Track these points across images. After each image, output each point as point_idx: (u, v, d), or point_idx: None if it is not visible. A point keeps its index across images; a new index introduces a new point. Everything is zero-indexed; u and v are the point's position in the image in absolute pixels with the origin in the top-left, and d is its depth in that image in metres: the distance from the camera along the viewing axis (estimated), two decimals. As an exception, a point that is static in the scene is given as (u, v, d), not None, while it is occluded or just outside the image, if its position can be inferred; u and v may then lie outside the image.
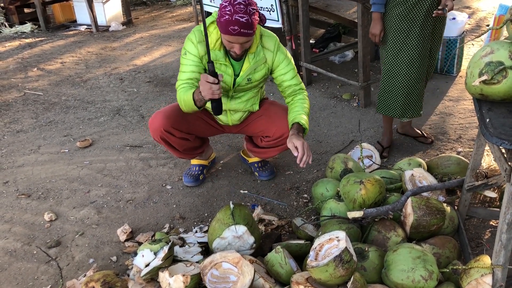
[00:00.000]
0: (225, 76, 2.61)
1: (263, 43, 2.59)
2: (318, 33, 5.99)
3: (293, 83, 2.68)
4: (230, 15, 2.30)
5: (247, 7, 2.32)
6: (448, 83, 4.39)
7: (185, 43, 2.60)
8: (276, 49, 2.60)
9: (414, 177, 2.56)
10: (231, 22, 2.30)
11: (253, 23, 2.35)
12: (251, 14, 2.33)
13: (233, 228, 2.21)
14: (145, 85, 4.85)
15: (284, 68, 2.64)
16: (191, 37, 2.57)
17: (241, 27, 2.31)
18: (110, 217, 2.83)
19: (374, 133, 3.61)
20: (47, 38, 6.72)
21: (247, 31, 2.34)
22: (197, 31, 2.57)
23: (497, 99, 1.83)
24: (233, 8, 2.30)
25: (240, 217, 2.24)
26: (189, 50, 2.57)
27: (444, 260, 2.14)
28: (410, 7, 2.82)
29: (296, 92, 2.68)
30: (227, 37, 2.37)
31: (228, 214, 2.25)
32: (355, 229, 2.30)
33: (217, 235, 2.21)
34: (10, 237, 2.68)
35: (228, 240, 2.21)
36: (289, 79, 2.67)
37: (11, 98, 4.65)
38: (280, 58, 2.62)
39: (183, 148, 2.86)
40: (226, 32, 2.35)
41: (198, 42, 2.54)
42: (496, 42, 1.83)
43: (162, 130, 2.69)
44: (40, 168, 3.37)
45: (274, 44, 2.60)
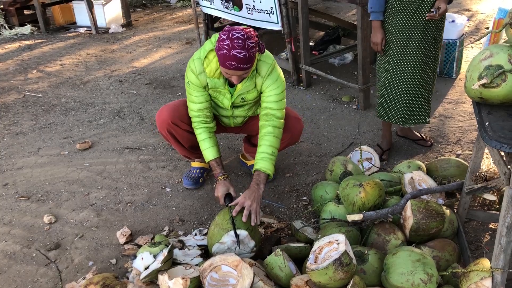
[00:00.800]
0: (223, 100, 2.67)
1: (258, 68, 2.54)
2: (317, 35, 6.00)
3: (270, 106, 2.58)
4: (228, 50, 2.25)
5: (245, 42, 2.26)
6: (447, 86, 4.39)
7: (187, 71, 2.60)
8: (267, 75, 2.54)
9: (414, 180, 2.57)
10: (229, 57, 2.26)
11: (251, 58, 2.30)
12: (249, 49, 2.28)
13: (231, 233, 2.21)
14: (145, 87, 4.86)
15: (269, 92, 2.58)
16: (192, 67, 2.55)
17: (239, 62, 2.27)
18: (110, 219, 2.83)
19: (374, 135, 3.62)
20: (46, 40, 6.72)
21: (244, 66, 2.31)
22: (197, 60, 2.53)
23: (496, 102, 1.83)
24: (231, 43, 2.25)
25: (241, 221, 2.24)
26: (191, 80, 2.58)
27: (443, 263, 2.14)
28: (410, 14, 2.81)
29: (269, 117, 2.57)
30: (225, 70, 2.36)
31: (227, 218, 2.25)
32: (354, 232, 2.30)
33: (216, 240, 2.22)
34: (10, 239, 2.68)
35: (227, 244, 2.21)
36: (269, 102, 2.59)
37: (10, 100, 4.65)
38: (268, 83, 2.56)
39: (188, 144, 2.86)
40: (223, 65, 2.32)
41: (199, 74, 2.53)
42: (495, 46, 1.84)
43: (169, 122, 2.72)
44: (39, 170, 3.37)
45: (267, 70, 2.54)
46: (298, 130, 2.88)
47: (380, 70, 3.10)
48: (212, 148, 2.65)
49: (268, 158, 2.51)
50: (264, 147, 2.54)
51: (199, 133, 2.68)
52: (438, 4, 2.76)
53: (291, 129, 2.81)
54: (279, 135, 2.58)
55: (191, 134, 2.82)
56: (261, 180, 2.46)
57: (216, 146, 2.68)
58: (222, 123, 2.92)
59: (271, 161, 2.52)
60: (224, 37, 2.28)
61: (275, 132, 2.56)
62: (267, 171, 2.49)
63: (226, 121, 2.89)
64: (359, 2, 3.62)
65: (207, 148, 2.65)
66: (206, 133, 2.67)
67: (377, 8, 2.88)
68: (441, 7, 2.75)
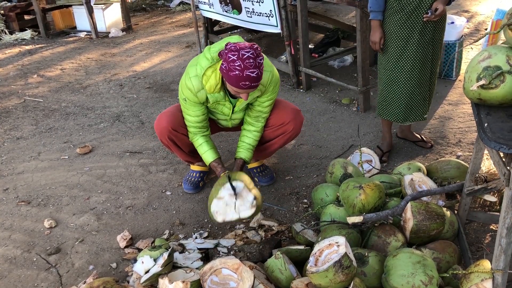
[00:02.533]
0: (223, 109, 2.72)
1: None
2: (317, 38, 6.00)
3: (263, 110, 2.73)
4: (241, 70, 2.25)
5: (255, 60, 2.27)
6: (447, 87, 4.39)
7: (182, 89, 2.60)
8: (268, 83, 2.60)
9: (414, 181, 2.56)
10: (242, 78, 2.27)
11: (261, 74, 2.34)
12: (260, 66, 2.30)
13: (228, 186, 2.21)
14: (145, 91, 4.86)
15: (267, 97, 2.67)
16: (189, 85, 2.54)
17: (252, 81, 2.30)
18: (110, 223, 2.83)
19: (374, 137, 3.61)
20: (47, 45, 6.74)
21: (256, 84, 2.34)
22: (194, 78, 2.51)
23: (495, 103, 1.83)
24: (243, 63, 2.24)
25: (238, 177, 2.28)
26: (188, 98, 2.59)
27: (444, 265, 2.13)
28: (408, 14, 2.83)
29: (259, 118, 2.76)
30: (237, 90, 2.36)
31: (224, 177, 2.30)
32: (355, 234, 2.30)
33: (214, 196, 2.22)
34: (10, 244, 2.68)
35: (225, 199, 2.20)
36: (262, 106, 2.71)
37: (11, 105, 4.66)
38: (268, 90, 2.64)
39: (189, 149, 2.88)
40: (236, 86, 2.32)
41: (197, 92, 2.55)
42: (493, 47, 1.84)
43: (169, 129, 2.73)
44: (40, 175, 3.37)
45: (268, 78, 2.58)
46: (299, 121, 2.89)
47: (380, 69, 3.12)
48: (211, 151, 2.73)
49: (251, 149, 2.79)
50: (250, 140, 2.78)
51: (196, 139, 2.76)
52: (435, 5, 2.77)
53: (293, 121, 2.83)
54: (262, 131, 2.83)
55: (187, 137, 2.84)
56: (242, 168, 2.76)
57: (214, 148, 2.75)
58: (219, 124, 2.94)
59: (252, 152, 2.81)
60: (235, 58, 2.25)
61: (261, 131, 2.81)
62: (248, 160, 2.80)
63: (224, 123, 2.93)
64: (358, 4, 3.62)
65: (206, 151, 2.72)
66: (202, 138, 2.75)
67: (376, 7, 2.90)
68: (439, 8, 2.76)
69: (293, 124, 2.83)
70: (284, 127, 2.83)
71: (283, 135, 2.87)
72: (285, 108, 2.82)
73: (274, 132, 2.87)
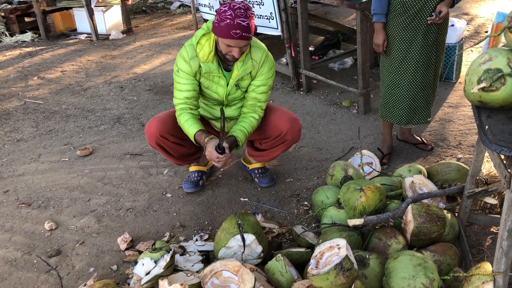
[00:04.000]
0: (218, 87, 2.68)
1: (252, 54, 2.61)
2: (317, 40, 6.01)
3: (259, 98, 2.70)
4: (232, 19, 2.32)
5: (246, 11, 2.37)
6: (447, 90, 4.40)
7: (177, 59, 2.61)
8: (262, 61, 2.63)
9: (414, 184, 2.56)
10: (233, 26, 2.33)
11: (252, 27, 2.40)
12: (251, 18, 2.39)
13: (238, 237, 2.20)
14: (145, 93, 4.87)
15: (261, 81, 2.66)
16: (183, 53, 2.57)
17: (243, 30, 2.35)
18: (111, 225, 2.83)
19: (374, 140, 3.62)
20: (47, 47, 6.74)
21: (248, 35, 2.39)
22: (188, 46, 2.56)
23: (496, 106, 1.84)
24: (234, 12, 2.33)
25: (249, 226, 2.23)
26: (181, 67, 2.59)
27: (445, 268, 2.13)
28: (412, 17, 2.83)
29: (255, 108, 2.72)
30: (228, 41, 2.39)
31: (234, 223, 2.25)
32: (355, 237, 2.29)
33: (223, 245, 2.21)
34: (10, 246, 2.68)
35: (233, 249, 2.20)
36: (257, 92, 2.69)
37: (11, 107, 4.66)
38: (262, 71, 2.64)
39: (178, 154, 2.88)
40: (227, 36, 2.36)
41: (191, 59, 2.55)
42: (494, 49, 1.84)
43: (158, 136, 2.73)
44: (40, 177, 3.37)
45: (261, 56, 2.62)
46: (297, 130, 2.88)
47: (383, 71, 3.12)
48: (195, 125, 2.62)
49: (247, 133, 2.70)
50: (247, 124, 2.70)
51: (184, 117, 2.64)
52: (439, 8, 2.78)
53: (291, 131, 2.82)
54: (259, 121, 2.77)
55: (179, 145, 2.84)
56: (232, 146, 2.62)
57: (199, 123, 2.65)
58: (215, 127, 2.93)
59: (246, 136, 2.70)
60: (226, 9, 2.35)
61: (258, 119, 2.75)
62: (240, 142, 2.66)
63: (219, 126, 2.88)
64: (358, 7, 3.63)
65: (191, 125, 2.62)
66: (189, 115, 2.64)
67: (380, 10, 2.90)
68: (442, 10, 2.77)
69: (290, 134, 2.82)
70: (283, 138, 2.82)
71: (283, 144, 2.87)
72: (281, 117, 2.80)
73: (273, 143, 2.88)
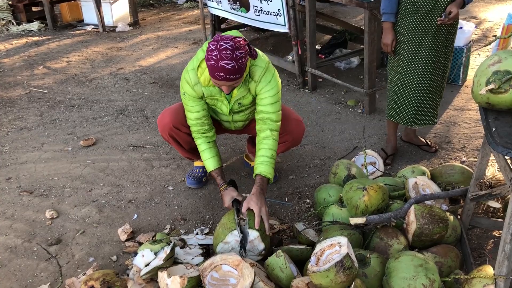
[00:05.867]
0: (222, 107, 2.65)
1: (251, 73, 2.49)
2: (324, 39, 5.99)
3: (266, 109, 2.53)
4: (216, 61, 2.20)
5: (233, 53, 2.20)
6: (453, 92, 4.38)
7: (182, 83, 2.57)
8: (260, 78, 2.49)
9: (418, 185, 2.55)
10: (217, 68, 2.21)
11: (240, 68, 2.24)
12: (238, 60, 2.21)
13: (235, 233, 2.20)
14: (150, 86, 4.86)
15: (263, 94, 2.53)
16: (187, 78, 2.51)
17: (227, 73, 2.22)
18: (111, 216, 2.83)
19: (378, 140, 3.60)
20: (54, 37, 6.74)
21: (233, 77, 2.25)
22: (191, 71, 2.49)
23: (503, 108, 1.82)
24: (219, 54, 2.19)
25: (254, 222, 2.23)
26: (187, 92, 2.55)
27: (446, 269, 2.12)
28: (422, 17, 2.81)
29: (265, 121, 2.54)
30: (214, 80, 2.31)
31: (232, 218, 2.25)
32: (357, 236, 2.28)
33: (221, 240, 2.21)
34: (11, 233, 2.68)
35: (231, 244, 2.20)
36: (264, 105, 2.53)
37: (16, 95, 4.66)
38: (261, 86, 2.51)
39: (189, 147, 2.86)
40: (212, 76, 2.27)
41: (194, 85, 2.51)
42: (504, 51, 1.83)
43: (171, 127, 2.72)
44: (43, 166, 3.37)
45: (260, 74, 2.48)
46: (300, 132, 2.86)
47: (391, 71, 3.10)
48: (213, 159, 2.62)
49: (268, 161, 2.49)
50: (264, 151, 2.51)
51: (199, 143, 2.67)
52: (449, 9, 2.76)
53: (293, 132, 2.80)
54: (277, 137, 2.57)
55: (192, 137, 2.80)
56: (264, 185, 2.45)
57: (217, 156, 2.65)
58: (223, 126, 2.92)
59: (271, 164, 2.50)
60: (213, 48, 2.22)
61: (273, 135, 2.54)
62: (268, 175, 2.47)
63: (227, 125, 2.87)
64: (367, 6, 3.61)
65: (208, 158, 2.63)
66: (206, 144, 2.65)
67: (389, 10, 2.88)
68: (453, 11, 2.75)
69: (292, 136, 2.79)
70: (283, 137, 2.76)
71: (282, 144, 2.81)
72: (286, 117, 2.73)
73: None
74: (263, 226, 2.28)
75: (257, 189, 2.39)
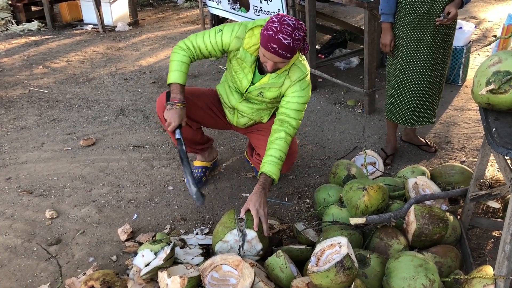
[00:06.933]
0: (243, 79, 2.57)
1: (290, 72, 2.48)
2: (324, 39, 5.99)
3: (289, 113, 2.49)
4: (275, 32, 2.21)
5: (293, 31, 2.23)
6: (453, 92, 4.38)
7: (226, 25, 2.51)
8: (297, 80, 2.47)
9: (418, 185, 2.55)
10: (272, 39, 2.21)
11: (293, 48, 2.25)
12: (295, 39, 2.24)
13: (235, 232, 2.20)
14: (150, 85, 4.86)
15: (292, 98, 2.49)
16: (235, 27, 2.48)
17: (280, 47, 2.22)
18: (111, 216, 2.83)
19: (378, 140, 3.60)
20: (53, 37, 6.74)
21: (285, 54, 2.25)
22: (242, 25, 2.47)
23: (504, 108, 1.82)
24: (280, 26, 2.22)
25: (252, 222, 2.22)
26: (224, 34, 2.49)
27: (446, 269, 2.12)
28: (420, 17, 2.82)
29: (284, 123, 2.49)
30: (264, 51, 2.29)
31: (232, 217, 2.25)
32: (357, 236, 2.29)
33: (220, 238, 2.21)
34: (11, 233, 2.68)
35: (230, 243, 2.20)
36: (289, 108, 2.50)
37: (15, 95, 4.66)
38: (294, 89, 2.48)
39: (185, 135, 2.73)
40: (264, 46, 2.26)
41: (236, 37, 2.47)
42: (504, 52, 1.83)
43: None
44: (42, 166, 3.37)
45: (299, 76, 2.47)
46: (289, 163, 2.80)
47: (390, 71, 3.11)
48: (184, 74, 2.52)
49: (276, 162, 2.42)
50: (273, 151, 2.44)
51: (182, 54, 2.53)
52: (448, 9, 2.76)
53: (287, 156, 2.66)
54: (289, 141, 2.50)
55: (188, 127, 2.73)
56: (267, 184, 2.39)
57: (185, 73, 2.54)
58: (227, 118, 2.88)
59: (277, 165, 2.43)
60: (275, 20, 2.25)
61: (286, 139, 2.47)
62: (272, 175, 2.40)
63: (230, 116, 2.82)
64: (367, 6, 3.61)
65: (179, 71, 2.51)
66: (187, 59, 2.54)
67: (388, 10, 2.88)
68: (451, 12, 2.75)
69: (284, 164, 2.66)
70: None
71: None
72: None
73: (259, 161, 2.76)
74: (261, 227, 2.25)
75: (259, 188, 2.35)
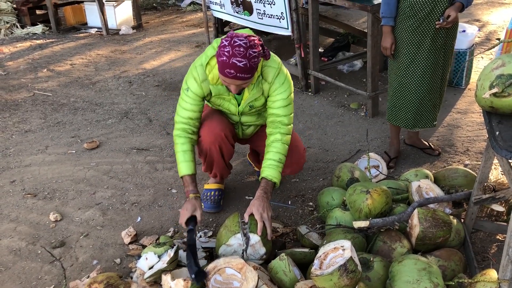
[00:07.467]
0: (230, 106, 2.55)
1: (264, 74, 2.42)
2: (327, 42, 6.00)
3: (277, 112, 2.45)
4: (228, 57, 2.13)
5: (247, 51, 2.13)
6: (456, 96, 4.37)
7: (188, 78, 2.46)
8: (273, 79, 2.42)
9: (421, 188, 2.55)
10: (228, 65, 2.14)
11: (251, 67, 2.17)
12: (251, 58, 2.15)
13: (238, 236, 2.20)
14: (154, 89, 4.88)
15: (276, 96, 2.45)
16: (194, 74, 2.42)
17: (238, 71, 2.15)
18: (115, 219, 2.83)
19: (381, 143, 3.60)
20: (57, 40, 6.77)
21: (244, 75, 2.18)
22: (199, 67, 2.40)
23: (507, 112, 1.82)
24: (232, 50, 2.12)
25: (256, 227, 2.22)
26: (191, 88, 2.44)
27: (449, 273, 2.12)
28: (420, 20, 2.83)
29: (276, 124, 2.45)
30: (223, 78, 2.23)
31: (236, 221, 2.25)
32: (360, 239, 2.28)
33: (223, 242, 2.21)
34: (15, 236, 2.69)
35: (234, 247, 2.20)
36: (276, 108, 2.45)
37: (20, 98, 4.68)
38: (274, 87, 2.43)
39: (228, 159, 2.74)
40: (222, 73, 2.20)
41: (202, 82, 2.41)
42: (507, 55, 1.83)
43: (222, 136, 2.58)
44: (47, 168, 3.38)
45: (273, 74, 2.41)
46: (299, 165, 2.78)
47: (391, 74, 3.11)
48: (191, 163, 2.47)
49: (275, 165, 2.41)
50: (272, 154, 2.43)
51: (181, 142, 2.49)
52: (448, 12, 2.76)
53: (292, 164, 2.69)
54: (287, 141, 2.47)
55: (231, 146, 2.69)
56: (269, 189, 2.38)
57: (194, 162, 2.50)
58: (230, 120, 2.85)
59: (278, 168, 2.41)
60: (226, 43, 2.16)
61: (283, 139, 2.45)
62: (273, 179, 2.40)
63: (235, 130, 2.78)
64: (370, 9, 3.62)
65: (186, 161, 2.47)
66: (188, 145, 2.50)
67: (388, 13, 2.90)
68: (451, 15, 2.75)
69: (289, 168, 2.67)
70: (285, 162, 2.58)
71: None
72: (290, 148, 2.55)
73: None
74: (265, 231, 2.25)
75: (261, 193, 2.35)
